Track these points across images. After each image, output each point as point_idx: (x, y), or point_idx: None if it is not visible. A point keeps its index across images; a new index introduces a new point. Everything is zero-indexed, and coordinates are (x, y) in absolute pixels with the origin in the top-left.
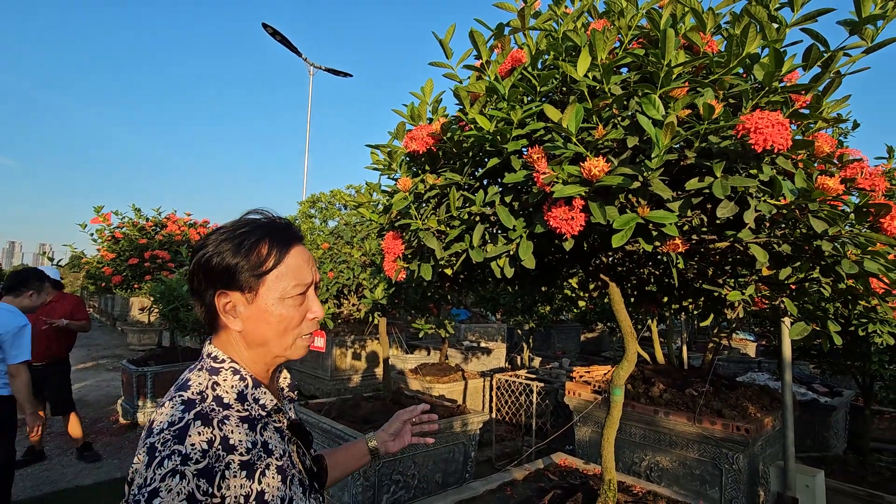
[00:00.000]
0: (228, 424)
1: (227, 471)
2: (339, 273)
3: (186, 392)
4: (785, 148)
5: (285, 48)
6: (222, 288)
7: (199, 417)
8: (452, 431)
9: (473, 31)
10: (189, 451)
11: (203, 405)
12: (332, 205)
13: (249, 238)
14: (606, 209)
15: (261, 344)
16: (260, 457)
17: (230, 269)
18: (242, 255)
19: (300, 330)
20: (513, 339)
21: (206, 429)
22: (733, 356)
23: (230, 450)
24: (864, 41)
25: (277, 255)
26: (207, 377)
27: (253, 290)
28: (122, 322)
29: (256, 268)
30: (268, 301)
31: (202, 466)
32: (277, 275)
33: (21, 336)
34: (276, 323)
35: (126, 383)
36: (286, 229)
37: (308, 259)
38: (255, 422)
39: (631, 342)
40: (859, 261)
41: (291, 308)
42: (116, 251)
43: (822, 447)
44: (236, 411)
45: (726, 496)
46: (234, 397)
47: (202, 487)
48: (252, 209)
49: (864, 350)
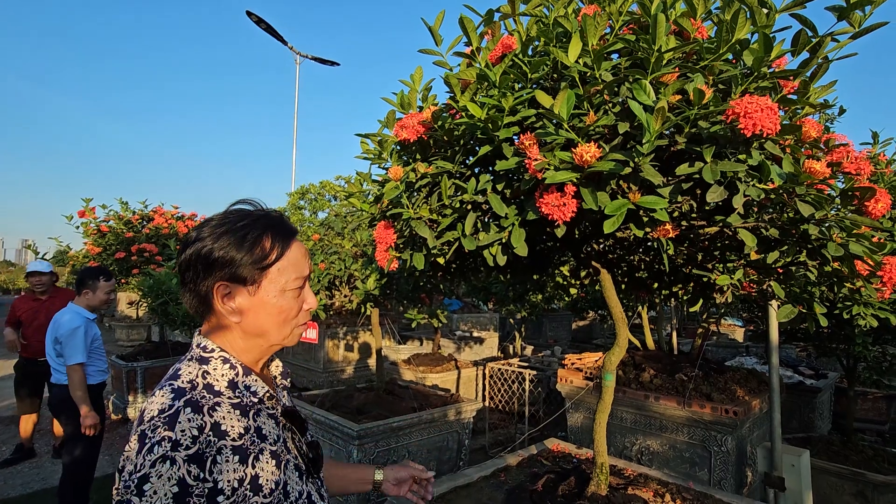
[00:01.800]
0: (220, 411)
1: (220, 456)
2: (330, 264)
3: (177, 381)
4: (774, 132)
5: (271, 36)
6: (224, 280)
7: (189, 404)
8: (446, 420)
9: (463, 17)
10: (179, 437)
11: (193, 393)
12: (322, 196)
13: (252, 232)
14: (598, 195)
15: (259, 334)
16: (253, 442)
17: (234, 262)
18: (246, 248)
19: (297, 320)
20: (505, 328)
21: (196, 415)
22: (722, 341)
23: (222, 435)
24: (851, 26)
25: (280, 248)
26: (197, 367)
27: (256, 282)
28: (110, 318)
29: (260, 261)
30: (269, 293)
31: (192, 452)
32: (280, 268)
33: (73, 338)
34: (277, 314)
35: (116, 379)
36: (285, 223)
37: (305, 252)
38: (247, 408)
39: (622, 328)
40: (844, 243)
41: (291, 300)
42: (103, 245)
43: (807, 428)
44: (227, 398)
45: (715, 477)
46: (224, 385)
47: (193, 472)
48: (241, 199)
49: (849, 332)
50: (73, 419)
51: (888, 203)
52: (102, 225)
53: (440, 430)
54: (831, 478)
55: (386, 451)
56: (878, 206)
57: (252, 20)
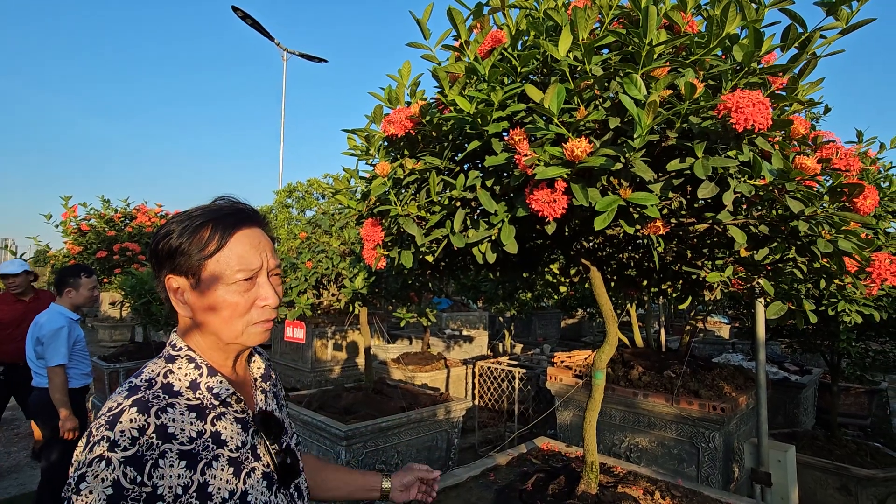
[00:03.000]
0: (171, 412)
1: (162, 460)
2: (317, 263)
3: (136, 379)
4: (765, 127)
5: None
6: (171, 273)
7: (135, 404)
8: (436, 419)
9: (452, 10)
10: (118, 438)
11: (146, 392)
12: (310, 194)
13: (195, 221)
14: (589, 191)
15: (211, 331)
16: (207, 447)
17: (173, 252)
18: (186, 238)
19: (249, 317)
20: (494, 327)
21: (140, 416)
22: (708, 338)
23: (167, 438)
24: (839, 23)
25: (220, 238)
26: (164, 365)
27: (195, 275)
28: (92, 318)
29: (198, 252)
30: (211, 287)
31: (130, 454)
32: (219, 259)
33: (55, 339)
34: (221, 310)
35: (98, 380)
36: (237, 213)
37: (257, 244)
38: (205, 411)
39: (612, 325)
40: (834, 240)
41: (236, 294)
42: (83, 244)
43: (792, 423)
44: (185, 399)
45: (703, 474)
46: (185, 385)
47: (129, 475)
48: (219, 196)
49: (834, 329)
50: (52, 423)
51: (876, 199)
52: (83, 223)
53: (429, 429)
54: (816, 472)
55: (374, 451)
56: (867, 202)
57: (238, 15)
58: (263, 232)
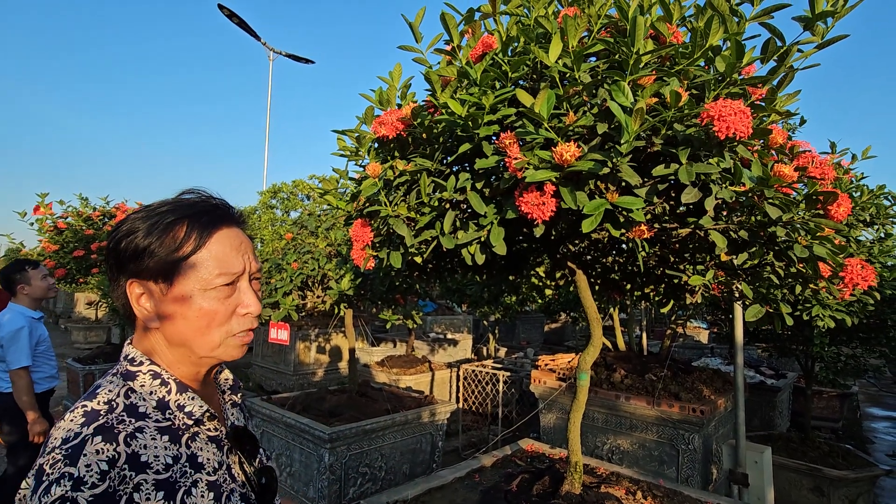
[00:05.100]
0: (141, 438)
1: (138, 493)
2: (303, 264)
3: (92, 402)
4: (746, 135)
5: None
6: (134, 277)
7: (99, 432)
8: (420, 422)
9: (445, 14)
10: (83, 474)
11: (109, 416)
12: (295, 195)
13: (166, 218)
14: (577, 194)
15: (181, 343)
16: (184, 473)
17: (139, 253)
18: (155, 237)
19: (229, 327)
20: (479, 330)
21: (108, 445)
22: (688, 343)
23: (141, 468)
24: (815, 38)
25: (197, 238)
26: (122, 383)
27: (167, 279)
28: (66, 319)
29: (171, 253)
30: (185, 293)
31: (100, 491)
32: (196, 262)
33: (16, 340)
34: (196, 319)
35: (72, 383)
36: (213, 210)
37: (239, 245)
38: (178, 433)
39: (596, 328)
40: (809, 245)
41: (215, 301)
42: (60, 242)
43: (768, 426)
44: (154, 422)
45: (683, 475)
46: (152, 405)
47: None
48: (187, 189)
49: (808, 334)
50: (17, 428)
51: (849, 207)
52: (60, 221)
53: (414, 432)
54: (790, 473)
55: (358, 454)
56: (840, 209)
57: (224, 14)
58: (242, 232)
